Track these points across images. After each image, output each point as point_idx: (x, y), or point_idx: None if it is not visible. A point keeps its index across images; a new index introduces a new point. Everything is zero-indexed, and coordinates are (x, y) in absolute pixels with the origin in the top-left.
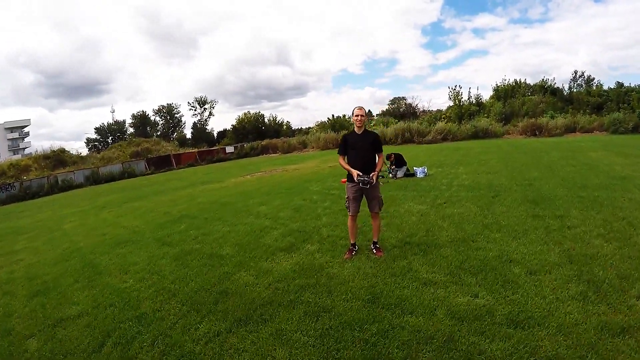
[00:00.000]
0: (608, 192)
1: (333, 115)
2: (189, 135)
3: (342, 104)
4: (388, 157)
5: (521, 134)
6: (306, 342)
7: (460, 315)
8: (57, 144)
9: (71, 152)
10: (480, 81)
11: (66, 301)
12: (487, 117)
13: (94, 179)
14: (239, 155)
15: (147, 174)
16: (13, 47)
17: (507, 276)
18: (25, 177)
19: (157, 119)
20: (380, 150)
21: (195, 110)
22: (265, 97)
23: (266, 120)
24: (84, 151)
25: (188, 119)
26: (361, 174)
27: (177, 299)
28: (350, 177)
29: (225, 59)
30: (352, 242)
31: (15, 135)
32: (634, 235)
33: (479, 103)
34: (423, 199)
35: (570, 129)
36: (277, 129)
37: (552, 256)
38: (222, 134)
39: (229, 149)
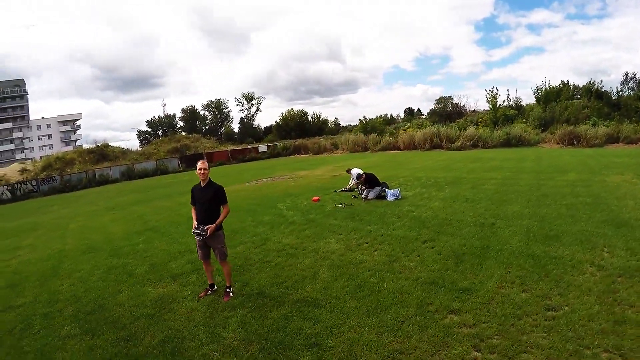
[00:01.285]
0: (565, 261)
1: (365, 117)
2: (236, 130)
3: (394, 101)
4: (359, 176)
5: (557, 143)
6: None
7: None
8: (111, 135)
9: (121, 145)
10: (538, 80)
11: (17, 295)
12: (526, 123)
13: (129, 175)
14: (271, 155)
15: (179, 172)
16: (71, 43)
17: None
18: (69, 170)
19: (206, 113)
20: (223, 202)
21: (242, 105)
22: (317, 93)
23: (309, 117)
24: (136, 142)
25: (236, 114)
26: (197, 226)
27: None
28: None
29: (277, 55)
30: (209, 282)
31: (68, 128)
32: None
33: (518, 107)
34: (352, 234)
35: (612, 139)
36: (321, 127)
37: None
38: (268, 130)
39: (262, 148)
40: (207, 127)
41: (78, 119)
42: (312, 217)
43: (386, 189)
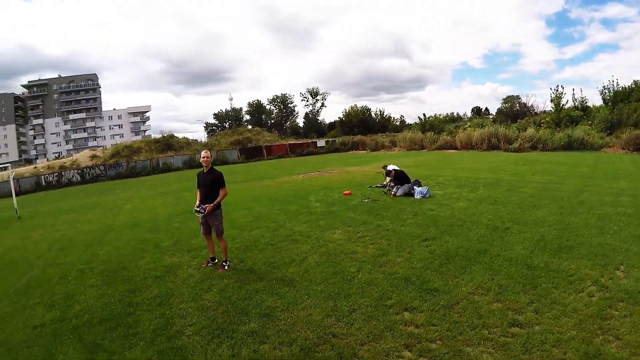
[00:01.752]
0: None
1: (425, 115)
2: (301, 125)
3: (462, 99)
4: (387, 173)
5: (622, 148)
6: None
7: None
8: (180, 126)
9: (188, 136)
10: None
11: (64, 256)
12: (590, 125)
13: (190, 164)
14: (329, 150)
15: (237, 163)
16: (142, 39)
17: None
18: (135, 158)
19: (272, 108)
20: (222, 186)
21: (307, 101)
22: (383, 89)
23: (372, 114)
24: (204, 134)
25: (301, 109)
26: (198, 205)
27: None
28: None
29: (343, 51)
30: (210, 255)
31: (137, 119)
32: None
33: (584, 108)
34: (360, 227)
35: None
36: (384, 124)
37: None
38: (332, 125)
39: (320, 143)
40: (272, 121)
41: (147, 111)
42: (334, 209)
43: (415, 187)
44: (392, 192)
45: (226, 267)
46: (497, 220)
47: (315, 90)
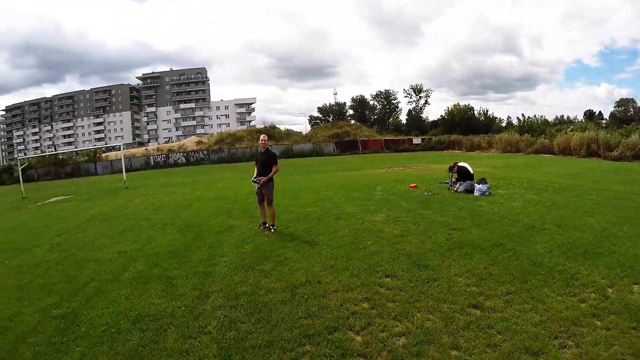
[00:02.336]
0: None
1: (523, 115)
2: (404, 122)
3: (574, 101)
4: (450, 168)
5: None
6: None
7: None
8: (286, 118)
9: (292, 128)
10: None
11: (156, 215)
12: None
13: (287, 154)
14: (424, 147)
15: (332, 155)
16: (249, 35)
17: None
18: (237, 145)
19: (375, 103)
20: (274, 163)
21: (410, 97)
22: (491, 88)
23: (475, 113)
24: (308, 127)
25: (405, 106)
26: (255, 177)
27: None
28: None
29: (449, 46)
30: (262, 220)
31: (243, 110)
32: None
33: None
34: (402, 214)
35: None
36: (487, 124)
37: None
38: (435, 123)
39: (416, 140)
40: (375, 117)
41: (252, 103)
42: (391, 198)
43: (475, 184)
44: (455, 188)
45: (272, 230)
46: (539, 221)
47: (418, 87)
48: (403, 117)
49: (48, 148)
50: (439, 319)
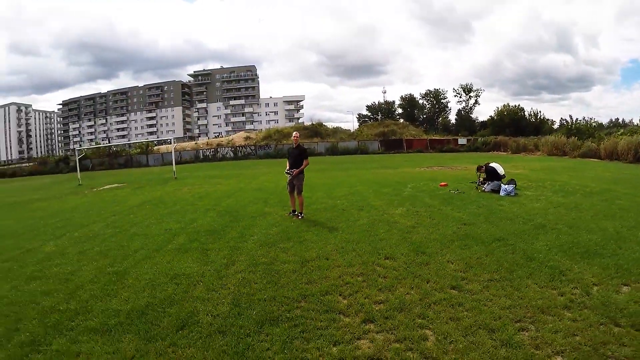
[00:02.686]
0: None
1: (571, 117)
2: (453, 122)
3: (632, 104)
4: (479, 168)
5: None
6: None
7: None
8: (335, 116)
9: (342, 126)
10: None
11: (200, 202)
12: None
13: (332, 151)
14: (469, 148)
15: (377, 153)
16: (299, 33)
17: None
18: (284, 141)
19: (425, 102)
20: (305, 157)
21: (460, 97)
22: (545, 88)
23: (526, 114)
24: (356, 124)
25: (454, 105)
26: (288, 169)
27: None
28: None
29: (501, 44)
30: (292, 208)
31: (292, 107)
32: None
33: None
34: (422, 209)
35: None
36: (538, 125)
37: None
38: (484, 124)
39: (461, 141)
40: (424, 116)
41: (301, 100)
42: (418, 194)
43: (502, 184)
44: (482, 188)
45: (299, 217)
46: (553, 221)
47: (468, 86)
48: (453, 117)
49: (102, 140)
50: (417, 294)
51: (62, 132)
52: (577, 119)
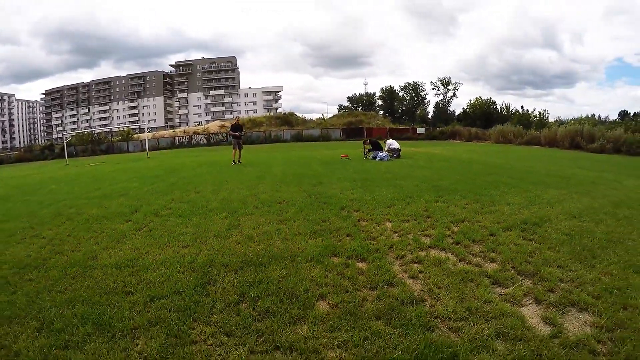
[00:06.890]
0: None
1: (522, 107)
2: (431, 114)
3: (615, 101)
4: (364, 142)
5: None
6: None
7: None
8: (320, 107)
9: (325, 116)
10: None
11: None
12: None
13: (297, 138)
14: (427, 137)
15: (338, 140)
16: (283, 23)
17: None
18: (255, 129)
19: (404, 95)
20: (241, 130)
21: (437, 90)
22: (530, 84)
23: (498, 107)
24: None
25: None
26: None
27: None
28: None
29: (487, 39)
30: (233, 160)
31: (270, 97)
32: None
33: None
34: (303, 170)
35: None
36: (507, 118)
37: None
38: (459, 117)
39: (420, 130)
40: (404, 109)
41: (280, 91)
42: (312, 162)
43: (379, 153)
44: (366, 157)
45: (239, 163)
46: (395, 172)
47: (446, 79)
48: (431, 110)
49: (85, 130)
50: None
51: (44, 121)
52: (527, 109)
